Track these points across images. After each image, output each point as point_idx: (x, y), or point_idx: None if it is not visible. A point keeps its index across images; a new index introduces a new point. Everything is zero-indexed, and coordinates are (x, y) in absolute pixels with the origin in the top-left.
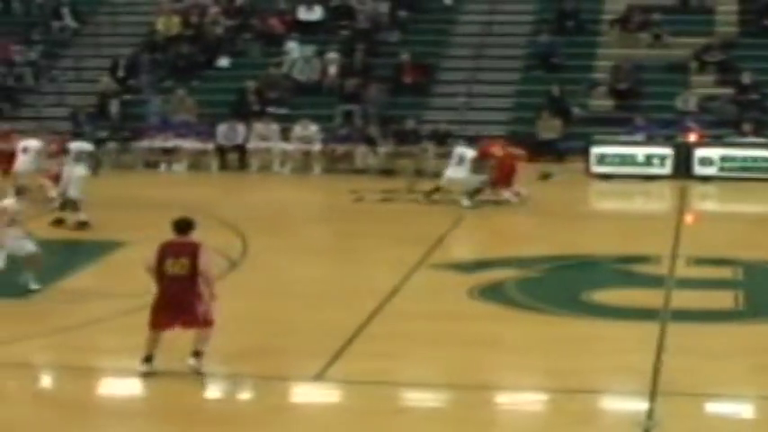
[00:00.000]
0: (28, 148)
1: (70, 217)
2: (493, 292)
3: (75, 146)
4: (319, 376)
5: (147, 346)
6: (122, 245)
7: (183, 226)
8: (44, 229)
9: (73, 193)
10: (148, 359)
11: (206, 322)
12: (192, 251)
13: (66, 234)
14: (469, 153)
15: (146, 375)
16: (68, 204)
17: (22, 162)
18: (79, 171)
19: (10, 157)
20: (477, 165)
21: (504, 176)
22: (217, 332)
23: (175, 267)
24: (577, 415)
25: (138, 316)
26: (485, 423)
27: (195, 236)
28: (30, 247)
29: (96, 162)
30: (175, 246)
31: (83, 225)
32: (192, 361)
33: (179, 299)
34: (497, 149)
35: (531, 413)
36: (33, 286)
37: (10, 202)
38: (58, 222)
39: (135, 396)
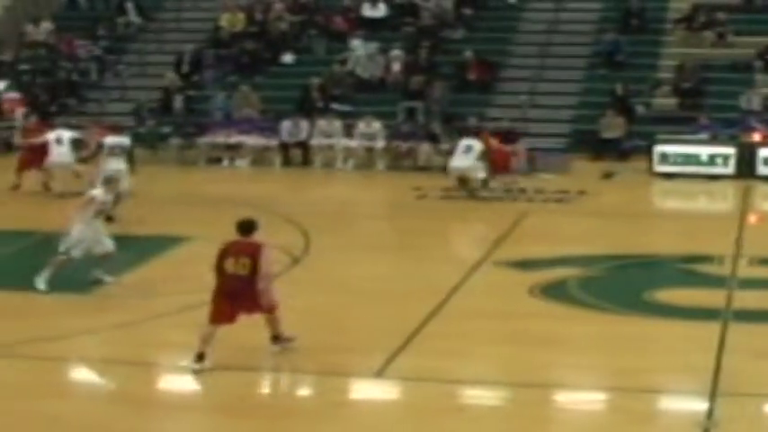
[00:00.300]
0: (62, 139)
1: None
2: (554, 291)
3: (111, 140)
4: (379, 373)
5: (202, 343)
6: (185, 240)
7: (247, 227)
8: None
9: (125, 185)
10: (201, 357)
11: (270, 309)
12: (254, 251)
13: (129, 229)
14: (477, 145)
15: (197, 373)
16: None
17: (57, 153)
18: (112, 165)
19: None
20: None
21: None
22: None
23: (237, 267)
24: (637, 414)
25: (198, 312)
26: (543, 421)
27: (258, 235)
28: (108, 244)
29: (131, 158)
30: (238, 245)
31: (109, 219)
32: (274, 347)
33: (239, 295)
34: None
35: (590, 412)
36: (107, 278)
37: (98, 192)
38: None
39: (195, 391)
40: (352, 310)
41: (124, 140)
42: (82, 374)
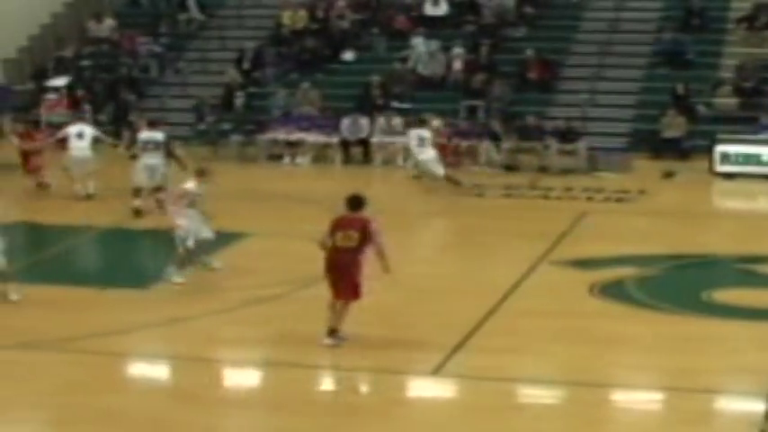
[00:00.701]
0: (83, 134)
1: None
2: (613, 290)
3: (144, 135)
4: (437, 371)
5: (330, 319)
6: (244, 236)
7: (356, 203)
8: (169, 220)
9: (139, 180)
10: (333, 332)
11: (356, 294)
12: (363, 225)
13: None
14: (426, 133)
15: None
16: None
17: (77, 147)
18: (147, 160)
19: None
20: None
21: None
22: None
23: (345, 240)
24: (693, 414)
25: (257, 308)
26: (600, 421)
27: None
28: (207, 233)
29: (168, 152)
30: (347, 220)
31: (137, 213)
32: (327, 340)
33: (341, 270)
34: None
35: (647, 412)
36: (216, 264)
37: (191, 184)
38: (139, 213)
39: (253, 387)
40: (410, 308)
41: (157, 135)
42: (140, 369)
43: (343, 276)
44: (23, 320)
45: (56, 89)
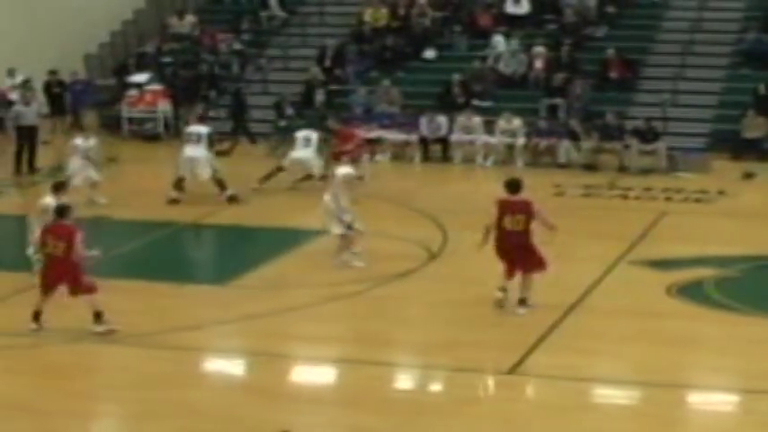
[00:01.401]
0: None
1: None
2: (691, 291)
3: (189, 128)
4: (512, 370)
5: (523, 290)
6: (321, 234)
7: (515, 186)
8: (247, 216)
9: (204, 174)
10: (523, 301)
11: (542, 266)
12: (527, 208)
13: (267, 221)
14: (314, 135)
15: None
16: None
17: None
18: (187, 153)
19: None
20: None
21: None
22: (413, 323)
23: (513, 224)
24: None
25: (331, 305)
26: (675, 422)
27: (400, 228)
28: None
29: (211, 143)
30: (512, 204)
31: (173, 202)
32: (520, 310)
33: (518, 250)
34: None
35: (722, 413)
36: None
37: (346, 169)
38: (174, 202)
39: (327, 384)
40: (487, 306)
41: (201, 128)
42: (217, 365)
43: (522, 255)
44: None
45: (137, 85)
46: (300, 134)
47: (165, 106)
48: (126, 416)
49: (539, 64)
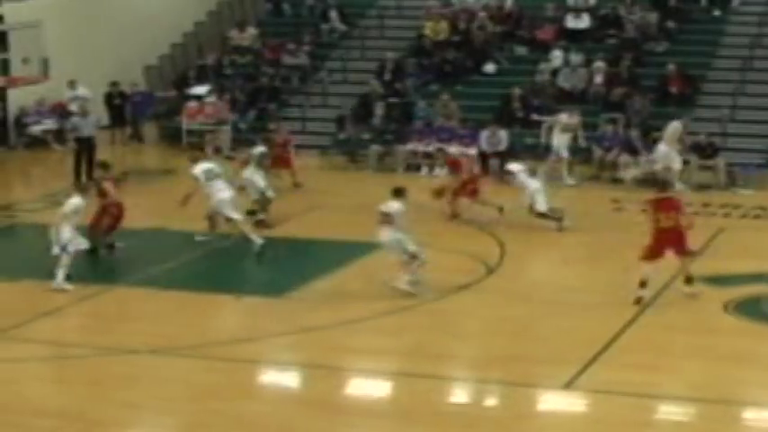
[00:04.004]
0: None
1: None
2: (748, 308)
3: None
4: (568, 385)
5: (643, 276)
6: (380, 247)
7: (665, 184)
8: (304, 229)
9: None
10: (689, 280)
11: (692, 252)
12: (678, 206)
13: (325, 233)
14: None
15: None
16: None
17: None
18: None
19: None
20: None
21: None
22: (468, 337)
23: (668, 221)
24: None
25: (388, 319)
26: None
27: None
28: (411, 246)
29: (260, 162)
30: (666, 203)
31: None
32: (686, 288)
33: (676, 244)
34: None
35: None
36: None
37: (395, 205)
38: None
39: (382, 397)
40: (543, 321)
41: (260, 148)
42: (272, 377)
43: (680, 246)
44: (158, 326)
45: (197, 97)
46: None
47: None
48: (178, 427)
49: (598, 79)
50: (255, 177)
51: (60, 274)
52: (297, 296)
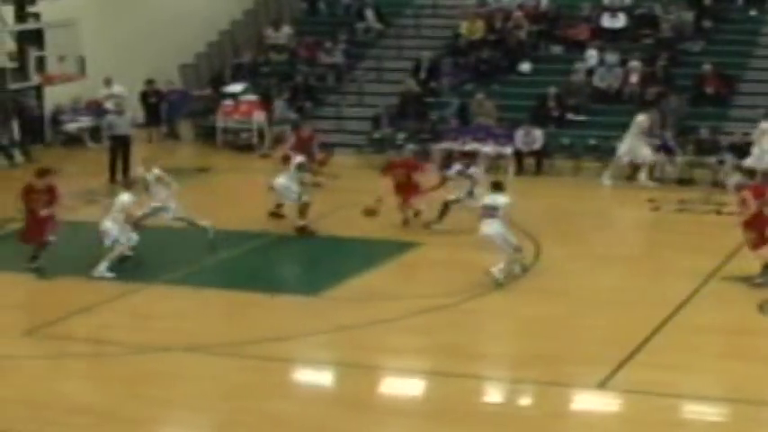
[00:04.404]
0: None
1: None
2: None
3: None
4: (602, 385)
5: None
6: (416, 246)
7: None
8: (339, 227)
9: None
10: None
11: None
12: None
13: (359, 232)
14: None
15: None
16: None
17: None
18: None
19: None
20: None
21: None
22: (503, 337)
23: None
24: None
25: (421, 318)
26: None
27: None
28: (514, 239)
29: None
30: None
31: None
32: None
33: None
34: None
35: None
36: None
37: (500, 198)
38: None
39: (416, 396)
40: (579, 320)
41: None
42: (306, 376)
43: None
44: (192, 324)
45: (232, 95)
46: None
47: (259, 117)
48: (212, 425)
49: (634, 78)
50: (291, 184)
51: (105, 263)
52: (331, 295)
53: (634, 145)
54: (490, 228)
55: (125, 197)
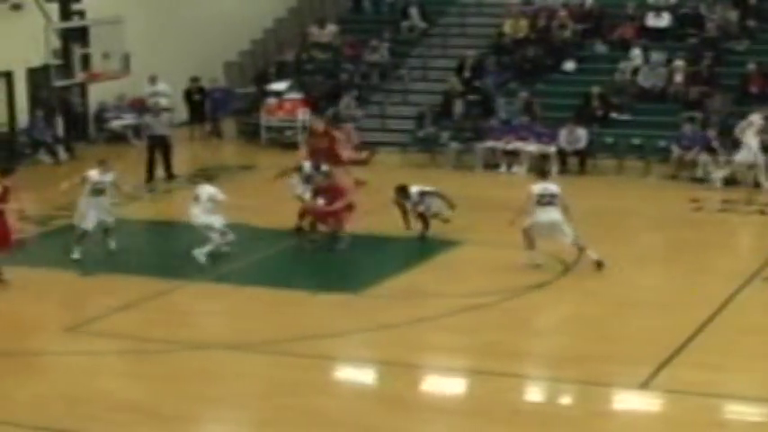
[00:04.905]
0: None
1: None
2: None
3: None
4: (644, 385)
5: None
6: (458, 244)
7: None
8: (382, 225)
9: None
10: None
11: None
12: None
13: (402, 230)
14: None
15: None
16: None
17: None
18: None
19: None
20: None
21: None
22: (544, 336)
23: None
24: None
25: (464, 316)
26: None
27: None
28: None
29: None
30: None
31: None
32: None
33: None
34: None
35: None
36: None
37: (93, 173)
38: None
39: (457, 394)
40: (620, 320)
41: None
42: (347, 373)
43: None
44: (233, 321)
45: (276, 93)
46: None
47: (303, 115)
48: (253, 422)
49: (678, 78)
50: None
51: (207, 248)
52: (372, 293)
53: (752, 145)
54: (556, 214)
55: (209, 188)
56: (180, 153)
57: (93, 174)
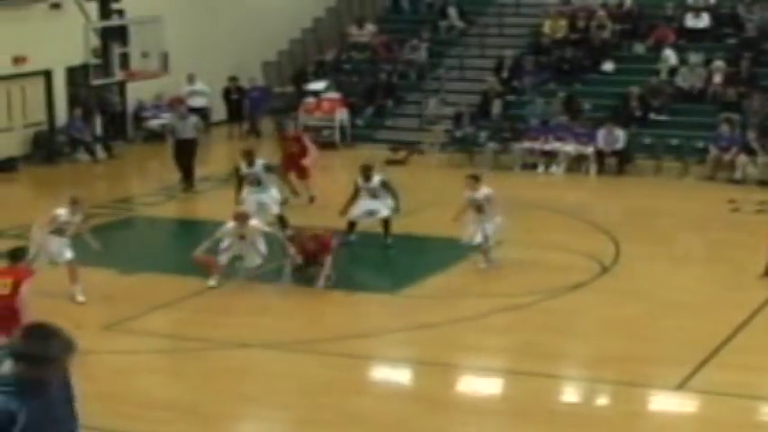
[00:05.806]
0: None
1: None
2: None
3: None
4: (681, 386)
5: None
6: (496, 244)
7: None
8: (420, 226)
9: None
10: None
11: None
12: None
13: (440, 230)
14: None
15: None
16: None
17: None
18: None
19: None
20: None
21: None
22: (581, 336)
23: None
24: None
25: (501, 316)
26: None
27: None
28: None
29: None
30: None
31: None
32: None
33: None
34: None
35: None
36: None
37: (62, 211)
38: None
39: (494, 394)
40: (657, 321)
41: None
42: (384, 373)
43: None
44: (270, 320)
45: (314, 93)
46: None
47: (342, 114)
48: (290, 421)
49: (717, 78)
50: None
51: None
52: (410, 293)
53: None
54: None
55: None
56: (217, 151)
57: (62, 213)
